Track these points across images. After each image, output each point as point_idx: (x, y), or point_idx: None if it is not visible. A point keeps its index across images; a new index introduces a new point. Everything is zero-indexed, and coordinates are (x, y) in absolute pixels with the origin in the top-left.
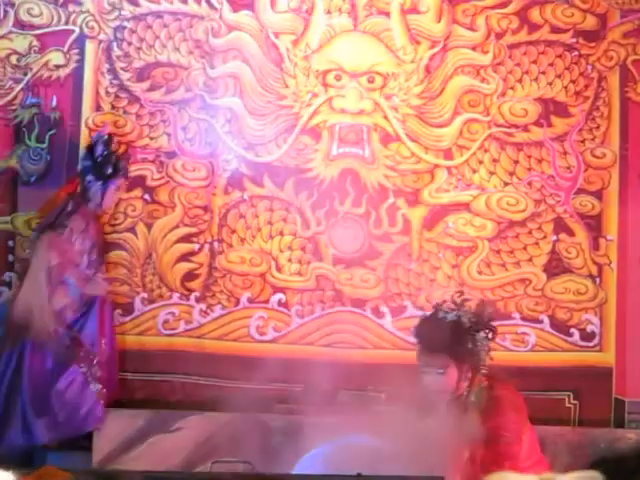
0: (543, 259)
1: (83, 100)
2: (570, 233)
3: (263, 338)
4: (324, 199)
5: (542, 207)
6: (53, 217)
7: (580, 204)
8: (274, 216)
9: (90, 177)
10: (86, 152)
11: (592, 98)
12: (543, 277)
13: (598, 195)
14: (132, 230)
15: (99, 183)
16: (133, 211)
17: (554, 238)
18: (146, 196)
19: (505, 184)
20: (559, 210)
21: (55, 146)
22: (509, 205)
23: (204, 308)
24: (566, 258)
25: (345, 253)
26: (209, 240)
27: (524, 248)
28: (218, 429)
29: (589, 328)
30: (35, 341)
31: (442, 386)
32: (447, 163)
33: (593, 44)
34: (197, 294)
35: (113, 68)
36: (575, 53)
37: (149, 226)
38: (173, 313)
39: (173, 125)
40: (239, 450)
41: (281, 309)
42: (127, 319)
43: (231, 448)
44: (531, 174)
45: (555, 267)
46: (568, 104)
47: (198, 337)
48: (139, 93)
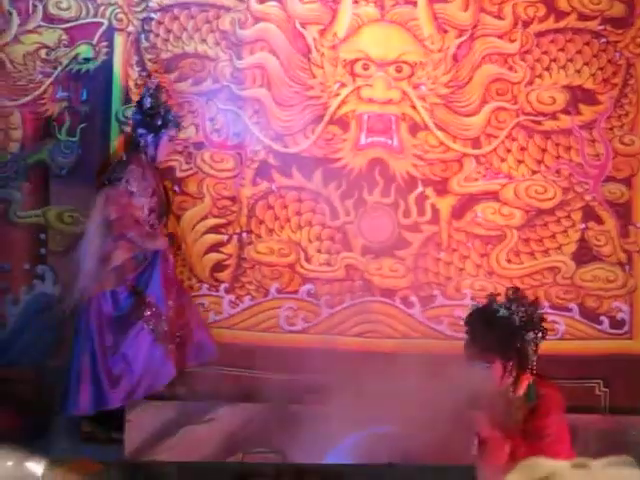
0: (572, 247)
1: (113, 93)
2: (599, 221)
3: (292, 329)
4: (353, 189)
5: (570, 195)
6: (110, 173)
7: (609, 192)
8: (303, 207)
9: (141, 130)
10: (136, 105)
11: (620, 85)
12: (572, 265)
13: (627, 182)
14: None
15: (151, 135)
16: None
17: (583, 226)
18: (175, 187)
19: (533, 172)
20: (588, 198)
21: (86, 139)
22: (537, 193)
23: (233, 299)
24: (595, 246)
25: (374, 243)
26: (238, 231)
27: (553, 236)
28: (249, 420)
29: (619, 316)
30: (91, 301)
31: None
32: (475, 152)
33: (621, 31)
34: (226, 285)
35: (141, 60)
36: (603, 40)
37: (178, 217)
38: (203, 304)
39: (201, 116)
40: (270, 440)
41: (310, 299)
42: None
43: (262, 438)
44: (559, 162)
45: (584, 255)
46: (596, 91)
47: (228, 328)
48: (167, 85)
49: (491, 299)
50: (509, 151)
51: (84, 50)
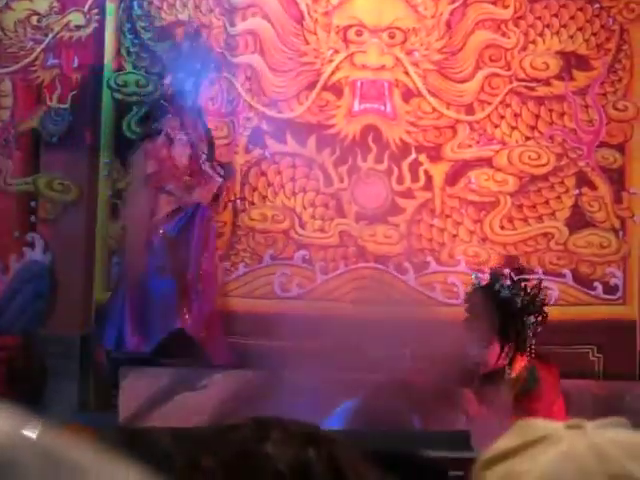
0: (565, 213)
1: (105, 60)
2: (592, 187)
3: (287, 295)
4: (346, 155)
5: (564, 161)
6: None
7: (602, 157)
8: (297, 173)
9: (181, 75)
10: (175, 48)
11: (614, 51)
12: (565, 231)
13: (620, 148)
14: None
15: (191, 80)
16: None
17: (576, 192)
18: None
19: (527, 138)
20: (581, 164)
21: (77, 107)
22: (531, 160)
23: (228, 266)
24: (589, 212)
25: (368, 209)
26: (232, 198)
27: (546, 202)
28: (243, 386)
29: (612, 281)
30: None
31: (482, 358)
32: (469, 118)
33: None
34: (220, 253)
35: (134, 28)
36: (596, 5)
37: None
38: None
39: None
40: (265, 407)
41: (305, 265)
42: None
43: (257, 405)
44: (553, 128)
45: (577, 221)
46: (589, 57)
47: (223, 295)
48: (161, 52)
49: (494, 277)
50: (502, 117)
51: (75, 17)
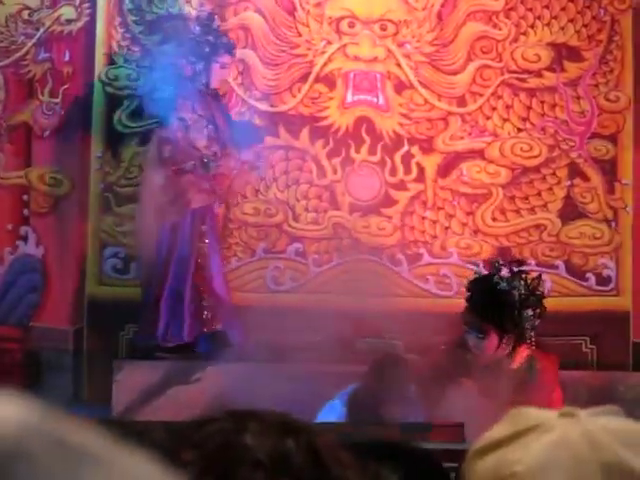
0: (558, 204)
1: (96, 54)
2: (585, 178)
3: (280, 288)
4: (340, 147)
5: (556, 152)
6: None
7: (594, 148)
8: (290, 165)
9: (192, 58)
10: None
11: (605, 42)
12: (558, 222)
13: (612, 139)
14: None
15: (202, 63)
16: None
17: (568, 183)
18: None
19: (519, 130)
20: (573, 155)
21: (68, 101)
22: (523, 151)
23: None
24: (581, 203)
25: (361, 201)
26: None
27: (538, 194)
28: (237, 379)
29: (605, 273)
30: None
31: (479, 349)
32: (460, 110)
33: None
34: None
35: (125, 21)
36: None
37: None
38: None
39: None
40: (258, 400)
41: (298, 259)
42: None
43: (250, 398)
44: (545, 119)
45: (570, 212)
46: (581, 48)
47: None
48: (151, 46)
49: (495, 269)
50: (494, 109)
51: (66, 11)
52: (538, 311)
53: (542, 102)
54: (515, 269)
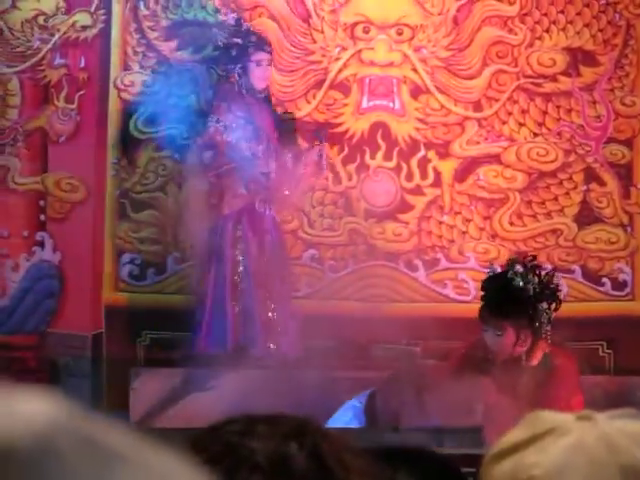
0: (574, 209)
1: (111, 60)
2: (601, 183)
3: (296, 294)
4: (355, 153)
5: (572, 157)
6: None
7: (610, 153)
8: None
9: (227, 65)
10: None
11: (620, 46)
12: (574, 227)
13: (628, 144)
14: (163, 189)
15: (238, 66)
16: (163, 170)
17: (584, 188)
18: (176, 155)
19: (535, 135)
20: (589, 160)
21: (84, 106)
22: (539, 156)
23: None
24: (597, 208)
25: (377, 207)
26: None
27: (555, 199)
28: (252, 386)
29: (621, 277)
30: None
31: (497, 347)
32: (477, 115)
33: None
34: None
35: (140, 27)
36: (602, 1)
37: (180, 185)
38: None
39: (202, 85)
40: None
41: (314, 265)
42: (159, 278)
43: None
44: (560, 124)
45: (586, 217)
46: (596, 53)
47: None
48: (167, 52)
49: (510, 266)
50: (510, 114)
51: (82, 18)
52: (553, 305)
53: (558, 107)
54: (529, 265)
